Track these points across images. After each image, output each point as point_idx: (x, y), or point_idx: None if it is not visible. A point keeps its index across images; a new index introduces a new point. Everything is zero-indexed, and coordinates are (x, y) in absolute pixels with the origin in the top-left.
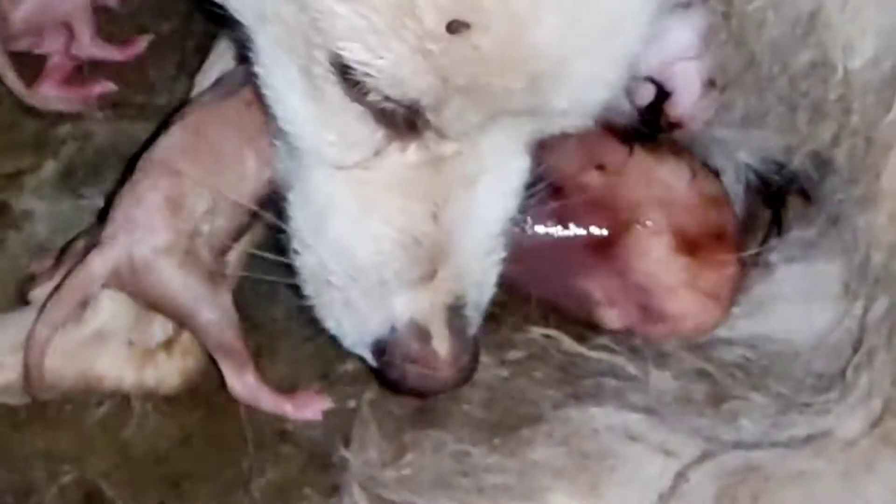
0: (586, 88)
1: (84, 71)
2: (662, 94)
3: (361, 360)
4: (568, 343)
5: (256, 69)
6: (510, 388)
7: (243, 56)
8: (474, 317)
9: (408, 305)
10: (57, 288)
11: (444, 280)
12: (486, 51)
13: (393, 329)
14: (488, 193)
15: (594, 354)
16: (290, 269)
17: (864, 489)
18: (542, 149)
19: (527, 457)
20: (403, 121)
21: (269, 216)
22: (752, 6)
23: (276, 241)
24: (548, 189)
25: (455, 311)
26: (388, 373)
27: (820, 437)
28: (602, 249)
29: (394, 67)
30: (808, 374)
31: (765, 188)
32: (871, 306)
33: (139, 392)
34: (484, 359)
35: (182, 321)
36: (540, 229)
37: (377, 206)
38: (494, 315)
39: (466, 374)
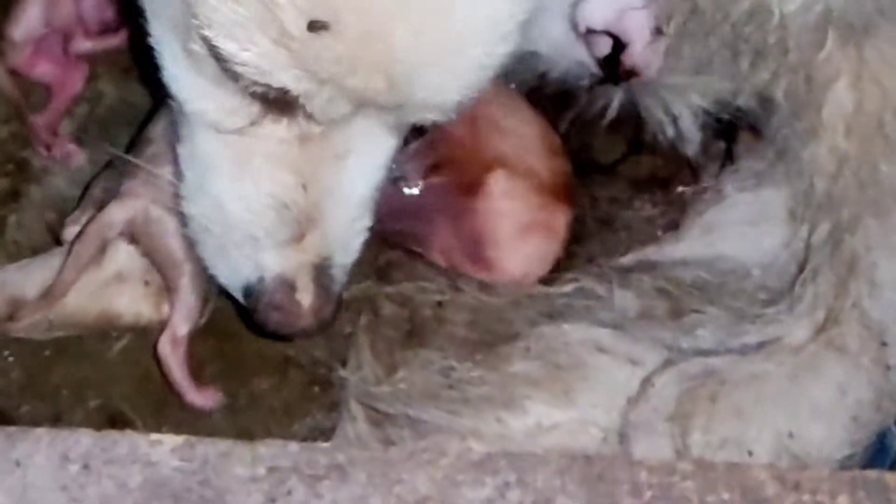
0: (443, 91)
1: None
2: (619, 46)
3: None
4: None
5: (150, 39)
6: (490, 309)
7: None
8: (339, 275)
9: (275, 261)
10: (80, 233)
11: (312, 243)
12: (342, 52)
13: (261, 279)
14: (356, 169)
15: (565, 288)
16: None
17: (809, 389)
18: None
19: (506, 370)
20: (275, 100)
21: None
22: None
23: None
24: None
25: (321, 270)
26: (254, 315)
27: (770, 344)
28: (456, 198)
29: (259, 59)
30: (758, 290)
31: (718, 125)
32: (815, 229)
33: (155, 326)
34: (466, 285)
35: (167, 273)
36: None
37: (251, 171)
38: None
39: (326, 324)
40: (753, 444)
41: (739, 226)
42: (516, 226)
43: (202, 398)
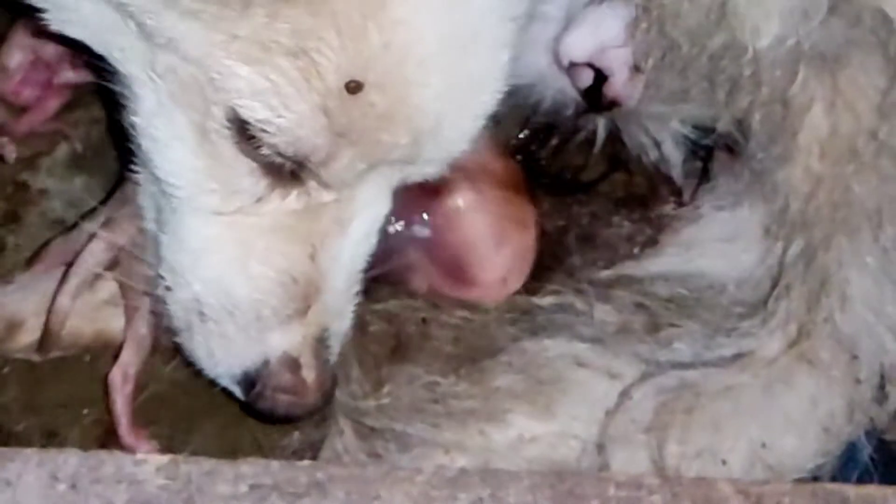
0: (455, 141)
1: None
2: (601, 77)
3: None
4: (519, 304)
5: (134, 119)
6: (473, 326)
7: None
8: (335, 345)
9: (282, 340)
10: (72, 264)
11: (315, 314)
12: (379, 108)
13: (266, 362)
14: (358, 235)
15: (545, 301)
16: None
17: (782, 400)
18: None
19: (489, 384)
20: (287, 173)
21: None
22: None
23: None
24: None
25: (321, 342)
26: (259, 403)
27: (744, 357)
28: (421, 216)
29: (294, 125)
30: (734, 304)
31: (696, 148)
32: (789, 247)
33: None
34: (449, 302)
35: (127, 305)
36: None
37: (256, 249)
38: None
39: (329, 398)
40: (728, 455)
41: (716, 243)
42: (490, 228)
43: (133, 440)
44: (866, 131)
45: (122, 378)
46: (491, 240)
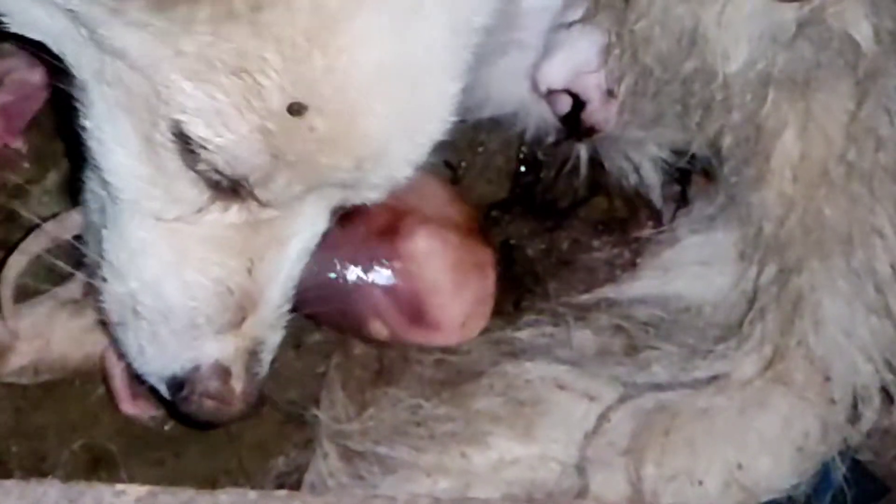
0: (398, 167)
1: None
2: (578, 104)
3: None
4: (499, 329)
5: (85, 122)
6: (455, 350)
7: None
8: (267, 358)
9: (215, 348)
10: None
11: (250, 327)
12: (320, 132)
13: (197, 367)
14: (296, 252)
15: (523, 334)
16: None
17: (757, 422)
18: None
19: (471, 407)
20: (228, 187)
21: None
22: (638, 25)
23: None
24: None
25: (254, 355)
26: (184, 406)
27: (720, 379)
28: (380, 261)
29: (232, 145)
30: (710, 327)
31: (674, 172)
32: (763, 270)
33: None
34: None
35: None
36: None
37: (193, 257)
38: None
39: (254, 409)
40: (704, 476)
41: (692, 266)
42: (450, 272)
43: (135, 408)
44: (836, 155)
45: (116, 353)
46: (450, 284)
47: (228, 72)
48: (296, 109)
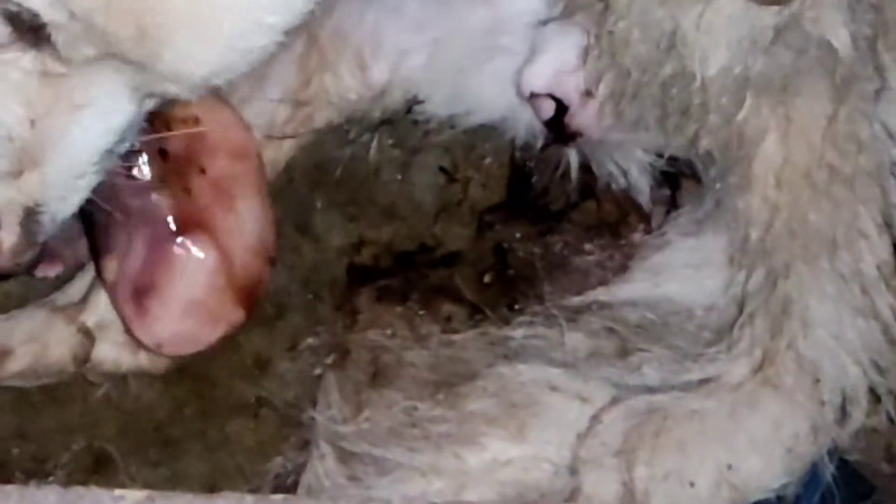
0: (190, 61)
1: None
2: (561, 108)
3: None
4: (494, 331)
5: None
6: (450, 352)
7: None
8: (48, 224)
9: None
10: None
11: (28, 183)
12: None
13: None
14: (90, 124)
15: (517, 332)
16: None
17: (747, 423)
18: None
19: (465, 408)
20: (28, 29)
21: None
22: (617, 27)
23: None
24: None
25: (30, 214)
26: None
27: (711, 382)
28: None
29: None
30: (701, 330)
31: (662, 175)
32: (751, 275)
33: (135, 372)
34: (428, 332)
35: None
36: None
37: None
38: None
39: (21, 269)
40: (695, 477)
41: (683, 269)
42: (185, 298)
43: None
44: (818, 159)
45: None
46: (178, 306)
47: None
48: None
